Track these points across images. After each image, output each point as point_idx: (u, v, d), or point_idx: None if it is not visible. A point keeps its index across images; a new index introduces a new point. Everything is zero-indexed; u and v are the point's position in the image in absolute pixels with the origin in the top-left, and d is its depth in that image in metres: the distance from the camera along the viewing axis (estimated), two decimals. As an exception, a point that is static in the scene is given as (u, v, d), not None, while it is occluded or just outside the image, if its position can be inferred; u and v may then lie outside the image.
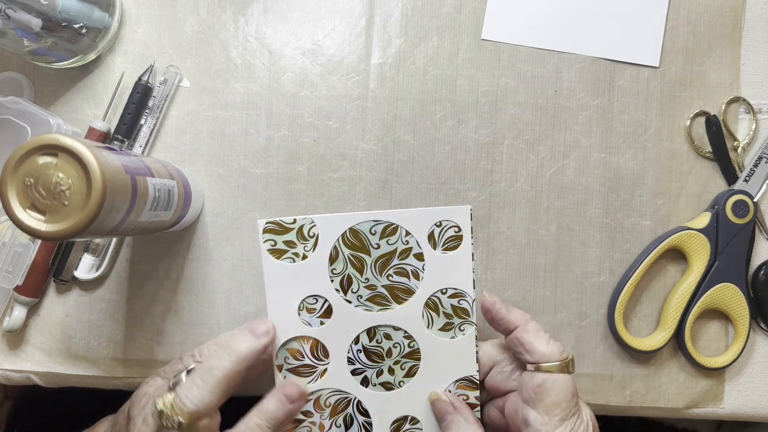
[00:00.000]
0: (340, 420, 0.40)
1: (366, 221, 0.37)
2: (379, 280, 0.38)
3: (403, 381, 0.39)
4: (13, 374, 0.50)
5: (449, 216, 0.37)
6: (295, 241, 0.37)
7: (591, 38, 0.50)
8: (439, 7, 0.50)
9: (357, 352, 0.39)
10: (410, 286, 0.38)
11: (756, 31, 0.51)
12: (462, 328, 0.39)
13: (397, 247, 0.37)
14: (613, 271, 0.50)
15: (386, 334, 0.39)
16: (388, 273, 0.38)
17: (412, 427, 0.40)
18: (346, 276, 0.38)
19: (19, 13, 0.40)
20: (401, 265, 0.37)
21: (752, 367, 0.50)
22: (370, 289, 0.38)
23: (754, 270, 0.50)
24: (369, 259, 0.37)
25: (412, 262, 0.37)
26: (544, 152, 0.50)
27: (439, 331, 0.39)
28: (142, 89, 0.48)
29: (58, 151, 0.32)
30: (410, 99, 0.50)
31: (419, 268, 0.38)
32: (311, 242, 0.37)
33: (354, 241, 0.37)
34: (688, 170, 0.50)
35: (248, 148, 0.50)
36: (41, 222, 0.32)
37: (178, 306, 0.49)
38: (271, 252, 0.37)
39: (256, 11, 0.50)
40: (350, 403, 0.40)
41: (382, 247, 0.37)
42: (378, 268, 0.38)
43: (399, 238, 0.37)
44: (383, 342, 0.39)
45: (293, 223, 0.37)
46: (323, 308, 0.38)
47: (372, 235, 0.37)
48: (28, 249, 0.46)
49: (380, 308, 0.38)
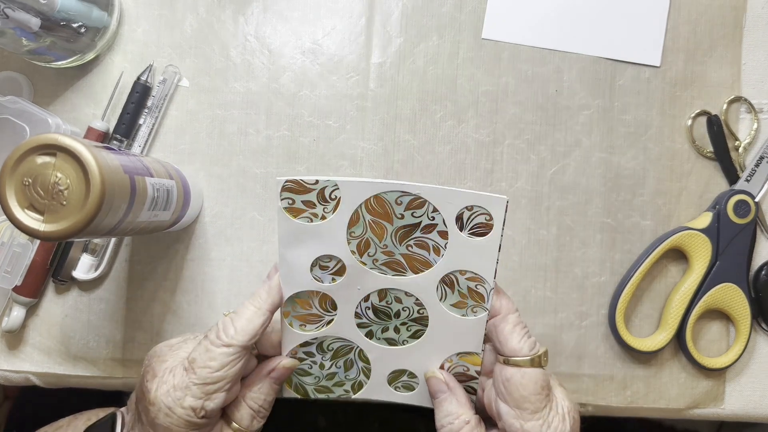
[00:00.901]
0: (340, 362, 0.40)
1: (393, 191, 0.35)
2: (398, 248, 0.37)
3: (407, 341, 0.40)
4: (12, 375, 0.49)
5: (483, 203, 0.35)
6: (314, 202, 0.36)
7: (592, 38, 0.50)
8: (439, 6, 0.50)
9: (365, 308, 0.39)
10: (429, 259, 0.37)
11: (757, 31, 0.51)
12: (475, 310, 0.38)
13: (422, 221, 0.36)
14: (614, 271, 0.50)
15: (397, 298, 0.38)
16: (408, 243, 0.37)
17: (409, 379, 0.40)
18: (364, 240, 0.37)
19: (17, 12, 0.40)
20: (423, 238, 0.36)
21: (753, 367, 0.50)
22: (388, 255, 0.37)
23: (755, 270, 0.50)
24: (390, 227, 0.36)
25: (435, 237, 0.36)
26: (545, 152, 0.50)
27: (451, 306, 0.38)
28: (141, 89, 0.48)
29: (57, 150, 0.32)
30: (410, 98, 0.50)
31: (441, 246, 0.36)
32: (332, 204, 0.36)
33: (377, 208, 0.36)
34: (689, 170, 0.50)
35: (248, 147, 0.49)
36: (40, 222, 0.32)
37: (177, 306, 0.49)
38: (287, 210, 0.36)
39: (255, 10, 0.50)
40: (352, 350, 0.40)
41: (406, 218, 0.36)
42: (399, 237, 0.37)
43: (425, 212, 0.36)
44: (393, 304, 0.39)
45: (315, 184, 0.35)
46: (337, 267, 0.38)
47: (397, 205, 0.36)
48: (26, 249, 0.46)
49: (395, 273, 0.38)
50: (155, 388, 0.36)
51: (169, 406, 0.35)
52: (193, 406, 0.35)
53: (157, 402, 0.35)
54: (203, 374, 0.35)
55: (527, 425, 0.35)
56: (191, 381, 0.35)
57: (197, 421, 0.35)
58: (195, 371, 0.35)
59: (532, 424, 0.35)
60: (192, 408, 0.35)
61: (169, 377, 0.36)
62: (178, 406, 0.35)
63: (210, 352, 0.35)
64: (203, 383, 0.35)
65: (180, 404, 0.35)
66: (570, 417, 0.36)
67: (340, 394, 0.41)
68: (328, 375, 0.41)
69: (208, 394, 0.35)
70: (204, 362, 0.35)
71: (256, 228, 0.49)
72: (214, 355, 0.35)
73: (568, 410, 0.36)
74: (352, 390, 0.41)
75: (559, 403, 0.36)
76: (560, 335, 0.49)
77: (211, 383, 0.35)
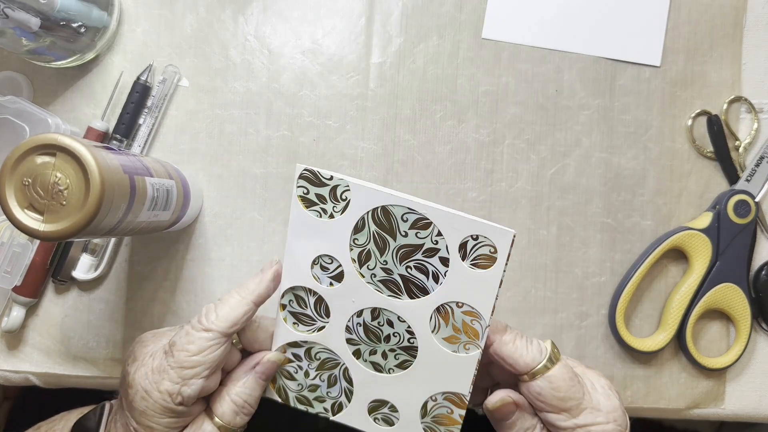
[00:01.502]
0: (325, 375, 0.40)
1: (400, 205, 0.35)
2: (397, 268, 0.37)
3: (393, 370, 0.39)
4: (11, 375, 0.49)
5: (489, 234, 0.34)
6: (326, 197, 0.36)
7: (592, 37, 0.50)
8: (439, 5, 0.50)
9: (357, 324, 0.38)
10: (427, 285, 0.36)
11: (757, 31, 0.51)
12: (467, 347, 0.37)
13: (425, 244, 0.35)
14: (614, 271, 0.49)
15: (389, 320, 0.38)
16: (408, 265, 0.36)
17: (390, 413, 0.40)
18: (366, 250, 0.37)
19: (17, 12, 0.40)
20: (424, 262, 0.36)
21: (753, 367, 0.50)
22: (386, 273, 0.37)
23: (755, 270, 0.50)
24: (393, 243, 0.36)
25: (435, 263, 0.36)
26: (545, 152, 0.50)
27: (443, 340, 0.37)
28: (141, 88, 0.48)
29: (57, 150, 0.32)
30: (410, 98, 0.50)
31: (441, 273, 0.36)
32: (341, 205, 0.36)
33: (383, 221, 0.36)
34: (689, 170, 0.50)
35: (247, 147, 0.49)
36: (39, 222, 0.32)
37: (176, 306, 0.49)
38: (301, 199, 0.36)
39: (255, 10, 0.50)
40: (338, 366, 0.40)
41: (410, 237, 0.36)
42: (399, 256, 0.36)
43: (430, 235, 0.35)
44: (385, 326, 0.38)
45: (329, 180, 0.36)
46: (336, 271, 0.38)
47: (403, 222, 0.35)
48: (26, 249, 0.46)
49: (390, 294, 0.37)
50: (134, 371, 0.36)
51: (146, 389, 0.35)
52: (169, 390, 0.35)
53: (135, 384, 0.35)
54: (181, 357, 0.35)
55: (579, 419, 0.34)
56: (168, 364, 0.35)
57: (174, 407, 0.35)
58: (173, 354, 0.35)
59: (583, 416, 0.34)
60: (168, 392, 0.35)
61: (148, 360, 0.36)
62: (155, 390, 0.35)
63: (189, 335, 0.35)
64: (180, 367, 0.35)
65: (157, 387, 0.35)
66: (614, 392, 0.36)
67: (320, 411, 0.40)
68: (311, 386, 0.40)
69: (185, 379, 0.35)
70: (182, 345, 0.35)
71: (256, 228, 0.49)
72: (192, 338, 0.35)
73: (609, 387, 0.36)
74: (331, 410, 0.40)
75: (596, 384, 0.36)
76: (560, 335, 0.49)
77: (188, 367, 0.35)
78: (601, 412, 0.35)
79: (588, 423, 0.34)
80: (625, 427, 0.35)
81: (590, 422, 0.34)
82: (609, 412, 0.35)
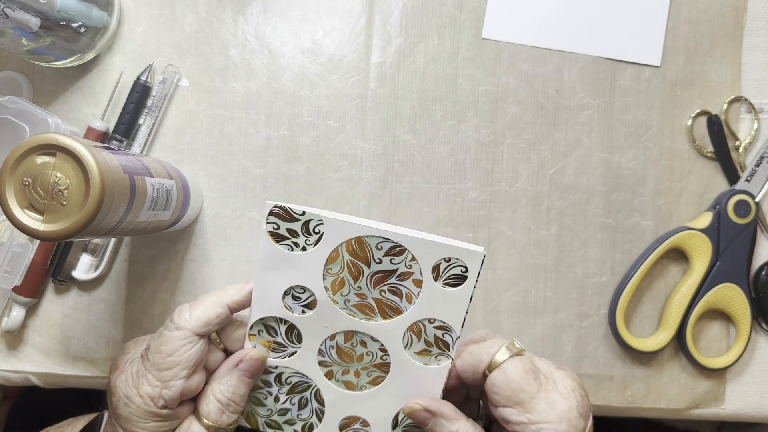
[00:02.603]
0: (296, 399, 0.40)
1: (375, 236, 0.36)
2: (371, 292, 0.37)
3: (366, 386, 0.39)
4: (11, 375, 0.49)
5: (461, 255, 0.35)
6: (298, 231, 0.36)
7: (592, 37, 0.50)
8: (439, 5, 0.50)
9: (330, 347, 0.39)
10: (400, 306, 0.37)
11: (757, 31, 0.51)
12: (438, 358, 0.38)
13: (399, 268, 0.36)
14: (614, 271, 0.49)
15: (362, 341, 0.38)
16: (382, 288, 0.37)
17: (361, 427, 0.40)
18: (339, 279, 0.37)
19: (17, 12, 0.40)
20: (398, 284, 0.37)
21: (754, 367, 0.50)
22: (360, 298, 0.37)
23: (755, 270, 0.49)
24: (367, 270, 0.37)
25: (409, 285, 0.37)
26: (545, 152, 0.50)
27: (415, 354, 0.38)
28: (141, 88, 0.48)
29: (57, 150, 0.32)
30: (410, 98, 0.50)
31: (414, 294, 0.37)
32: (314, 238, 0.36)
33: (357, 250, 0.36)
34: (689, 170, 0.50)
35: (247, 147, 0.49)
36: (39, 222, 0.32)
37: (176, 306, 0.49)
38: (271, 234, 0.36)
39: (255, 10, 0.50)
40: (309, 389, 0.40)
41: (384, 263, 0.36)
42: (373, 281, 0.37)
43: (404, 261, 0.36)
44: (357, 347, 0.39)
45: (302, 215, 0.36)
46: (308, 300, 0.38)
47: (377, 250, 0.36)
48: (26, 249, 0.46)
49: (364, 317, 0.38)
50: (114, 378, 0.36)
51: (127, 395, 0.35)
52: (150, 394, 0.35)
53: (117, 391, 0.35)
54: (156, 359, 0.35)
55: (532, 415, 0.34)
56: (145, 368, 0.35)
57: (157, 411, 0.35)
58: (148, 357, 0.35)
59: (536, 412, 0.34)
60: (149, 396, 0.35)
61: (128, 367, 0.36)
62: (136, 395, 0.35)
63: (162, 336, 0.35)
64: (157, 369, 0.35)
65: (137, 392, 0.35)
66: (576, 393, 0.35)
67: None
68: (281, 410, 0.40)
69: (164, 382, 0.35)
70: (156, 347, 0.35)
71: (256, 228, 0.49)
72: (165, 339, 0.35)
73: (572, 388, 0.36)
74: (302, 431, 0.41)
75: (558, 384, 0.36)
76: (560, 335, 0.49)
77: (165, 369, 0.35)
78: (555, 411, 0.34)
79: (540, 420, 0.34)
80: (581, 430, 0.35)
81: (542, 419, 0.34)
82: (563, 412, 0.34)
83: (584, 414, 0.35)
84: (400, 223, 0.49)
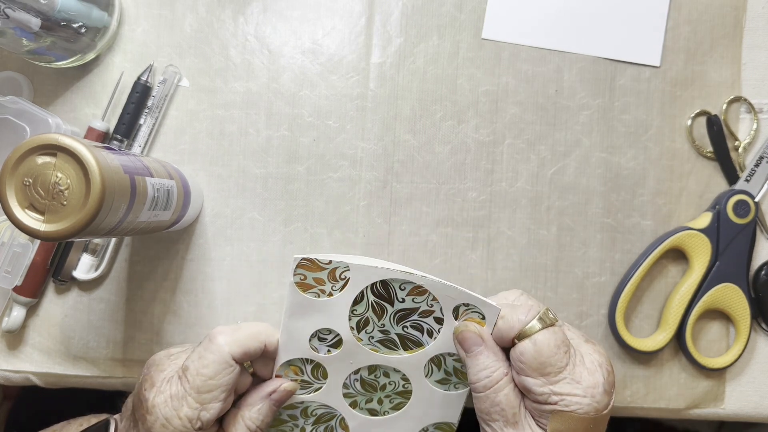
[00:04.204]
0: (321, 428, 0.42)
1: (398, 278, 0.37)
2: (394, 328, 0.38)
3: (388, 412, 0.41)
4: (12, 375, 0.49)
5: (479, 305, 0.37)
6: (324, 280, 0.37)
7: (592, 38, 0.50)
8: (439, 5, 0.50)
9: (354, 380, 0.41)
10: (422, 340, 0.38)
11: (757, 31, 0.51)
12: (457, 386, 0.40)
13: (421, 307, 0.38)
14: (614, 271, 0.50)
15: (386, 372, 0.40)
16: (405, 325, 0.38)
17: None
18: (364, 318, 0.38)
19: (18, 12, 0.40)
20: (419, 321, 0.38)
21: (753, 367, 0.50)
22: (383, 334, 0.39)
23: (755, 270, 0.50)
24: (391, 309, 0.38)
25: (430, 322, 0.38)
26: (545, 152, 0.50)
27: (436, 382, 0.40)
28: (141, 89, 0.48)
29: (57, 150, 0.32)
30: (410, 98, 0.50)
31: (435, 330, 0.38)
32: (340, 284, 0.37)
33: (381, 291, 0.37)
34: (689, 170, 0.50)
35: (248, 147, 0.49)
36: (40, 222, 0.32)
37: (177, 306, 0.49)
38: (298, 285, 0.37)
39: (255, 10, 0.50)
40: (334, 418, 0.42)
41: (407, 302, 0.37)
42: (396, 318, 0.38)
43: (425, 300, 0.37)
44: (380, 378, 0.40)
45: (328, 264, 0.37)
46: (334, 340, 0.39)
47: (401, 290, 0.37)
48: (27, 249, 0.46)
49: (387, 350, 0.39)
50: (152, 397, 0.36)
51: (167, 417, 0.35)
52: (189, 416, 0.35)
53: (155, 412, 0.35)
54: (197, 382, 0.35)
55: (556, 387, 0.34)
56: (185, 390, 0.35)
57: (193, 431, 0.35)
58: (188, 379, 0.35)
59: (560, 385, 0.34)
60: (189, 418, 0.35)
61: (166, 387, 0.36)
62: (176, 417, 0.35)
63: (203, 359, 0.35)
64: (197, 392, 0.35)
65: (177, 414, 0.35)
66: (603, 369, 0.35)
67: None
68: None
69: (203, 404, 0.35)
70: (197, 369, 0.35)
71: (256, 228, 0.49)
72: (206, 362, 0.35)
73: (599, 364, 0.35)
74: None
75: (586, 358, 0.35)
76: (560, 335, 0.49)
77: (205, 391, 0.35)
78: (580, 385, 0.34)
79: (564, 392, 0.34)
80: (604, 406, 0.34)
81: (566, 392, 0.34)
82: (588, 387, 0.34)
83: (608, 391, 0.35)
84: (400, 223, 0.49)
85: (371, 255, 0.49)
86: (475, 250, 0.49)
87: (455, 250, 0.49)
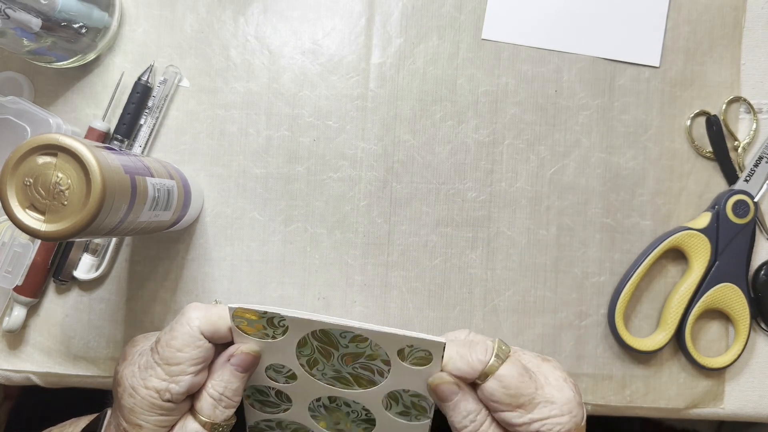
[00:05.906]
0: None
1: (336, 329, 0.36)
2: (344, 368, 0.38)
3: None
4: (12, 374, 0.50)
5: (422, 344, 0.35)
6: (264, 326, 0.37)
7: (591, 38, 0.50)
8: (439, 6, 0.50)
9: (317, 406, 0.41)
10: (374, 379, 0.38)
11: (756, 31, 0.51)
12: (419, 418, 0.40)
13: (366, 351, 0.37)
14: (613, 271, 0.50)
15: (346, 402, 0.40)
16: (354, 366, 0.38)
17: None
18: (313, 358, 0.38)
19: (18, 12, 0.40)
20: (368, 363, 0.38)
21: (753, 367, 0.50)
22: (335, 372, 0.39)
23: (754, 270, 0.50)
24: (337, 353, 0.37)
25: (378, 364, 0.37)
26: (545, 152, 0.50)
27: (397, 414, 0.40)
28: (142, 89, 0.48)
29: (58, 150, 0.32)
30: (410, 99, 0.50)
31: (385, 370, 0.38)
32: (280, 330, 0.37)
33: (323, 338, 0.37)
34: (688, 170, 0.50)
35: (248, 147, 0.50)
36: (40, 222, 0.32)
37: (177, 306, 0.49)
38: (241, 329, 0.37)
39: (255, 11, 0.50)
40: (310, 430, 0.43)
41: (351, 348, 0.37)
42: (344, 360, 0.38)
43: (369, 345, 0.37)
44: (343, 407, 0.41)
45: (264, 314, 0.36)
46: (289, 373, 0.39)
47: (342, 338, 0.37)
48: (27, 249, 0.46)
49: (342, 386, 0.39)
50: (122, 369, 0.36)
51: (133, 386, 0.35)
52: (157, 387, 0.35)
53: (123, 382, 0.36)
54: (165, 354, 0.35)
55: (534, 414, 0.34)
56: (155, 360, 0.35)
57: (161, 404, 0.35)
58: (158, 350, 0.35)
59: (537, 411, 0.34)
60: (156, 389, 0.35)
61: (137, 359, 0.36)
62: (142, 386, 0.35)
63: (173, 330, 0.36)
64: (166, 363, 0.35)
65: (144, 384, 0.35)
66: (569, 383, 0.36)
67: None
68: None
69: (172, 376, 0.35)
70: (166, 341, 0.35)
71: (257, 228, 0.49)
72: (175, 333, 0.35)
73: (563, 379, 0.36)
74: None
75: (549, 376, 0.36)
76: (560, 335, 0.49)
77: (174, 363, 0.35)
78: (555, 404, 0.34)
79: (543, 417, 0.34)
80: (581, 419, 0.35)
81: (545, 416, 0.34)
82: (563, 404, 0.34)
83: (580, 402, 0.36)
84: (400, 223, 0.49)
85: (371, 255, 0.49)
86: (475, 250, 0.49)
87: (455, 250, 0.49)
